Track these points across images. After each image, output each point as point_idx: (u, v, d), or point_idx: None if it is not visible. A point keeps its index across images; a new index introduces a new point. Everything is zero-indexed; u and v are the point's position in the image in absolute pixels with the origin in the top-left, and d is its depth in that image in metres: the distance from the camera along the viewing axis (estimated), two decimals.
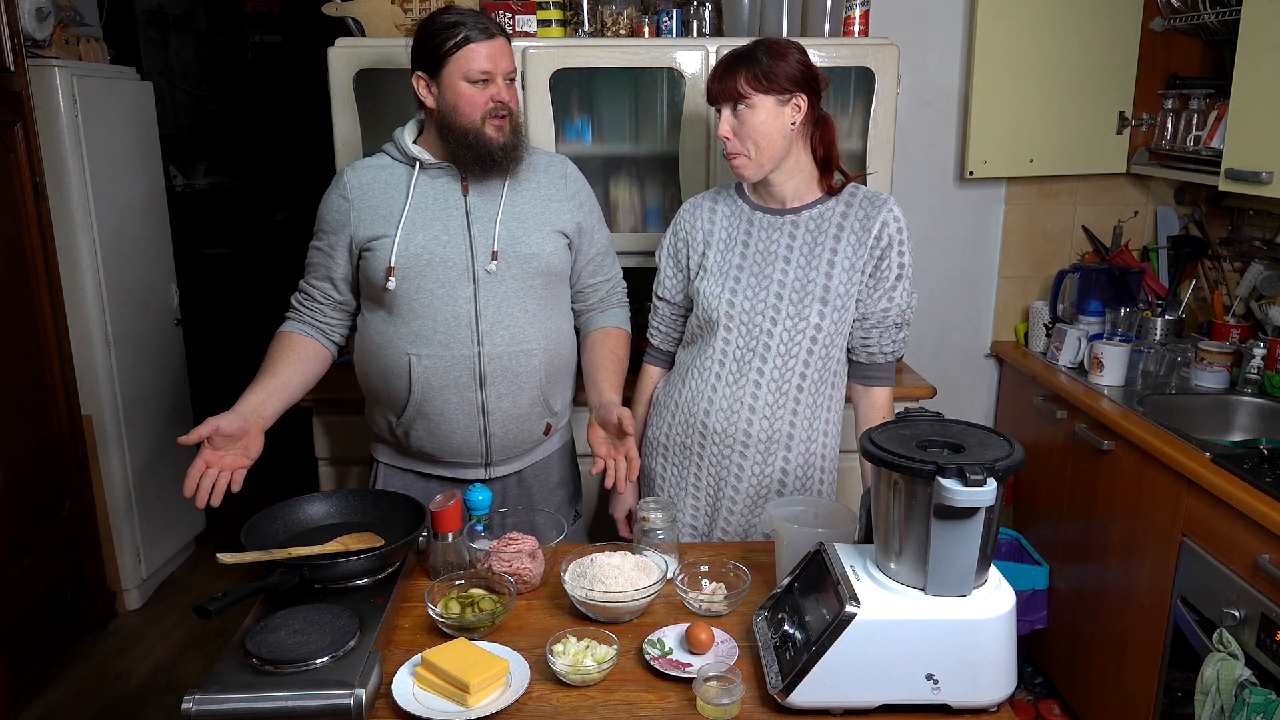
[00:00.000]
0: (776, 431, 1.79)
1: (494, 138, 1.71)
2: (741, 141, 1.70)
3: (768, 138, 1.69)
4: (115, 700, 2.73)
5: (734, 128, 1.70)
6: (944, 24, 2.76)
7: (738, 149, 1.71)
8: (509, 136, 1.73)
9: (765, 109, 1.68)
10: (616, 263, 2.00)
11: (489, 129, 1.70)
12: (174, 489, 3.40)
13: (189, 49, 5.36)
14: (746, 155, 1.71)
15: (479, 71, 1.67)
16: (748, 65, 1.67)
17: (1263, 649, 1.73)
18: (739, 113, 1.68)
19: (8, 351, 2.60)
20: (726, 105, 1.70)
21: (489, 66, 1.67)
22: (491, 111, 1.70)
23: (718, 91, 1.70)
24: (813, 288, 1.74)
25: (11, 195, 2.62)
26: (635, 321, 2.56)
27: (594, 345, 1.92)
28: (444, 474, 1.89)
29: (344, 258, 1.80)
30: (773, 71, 1.66)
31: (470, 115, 1.69)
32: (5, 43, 2.56)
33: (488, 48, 1.67)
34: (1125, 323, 2.61)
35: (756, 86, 1.66)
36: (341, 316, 1.87)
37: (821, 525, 1.55)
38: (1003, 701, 1.23)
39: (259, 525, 1.53)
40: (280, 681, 1.21)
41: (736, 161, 1.72)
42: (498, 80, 1.69)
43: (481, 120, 1.70)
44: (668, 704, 1.25)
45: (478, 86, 1.68)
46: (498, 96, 1.69)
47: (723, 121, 1.70)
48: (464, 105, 1.69)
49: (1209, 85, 2.61)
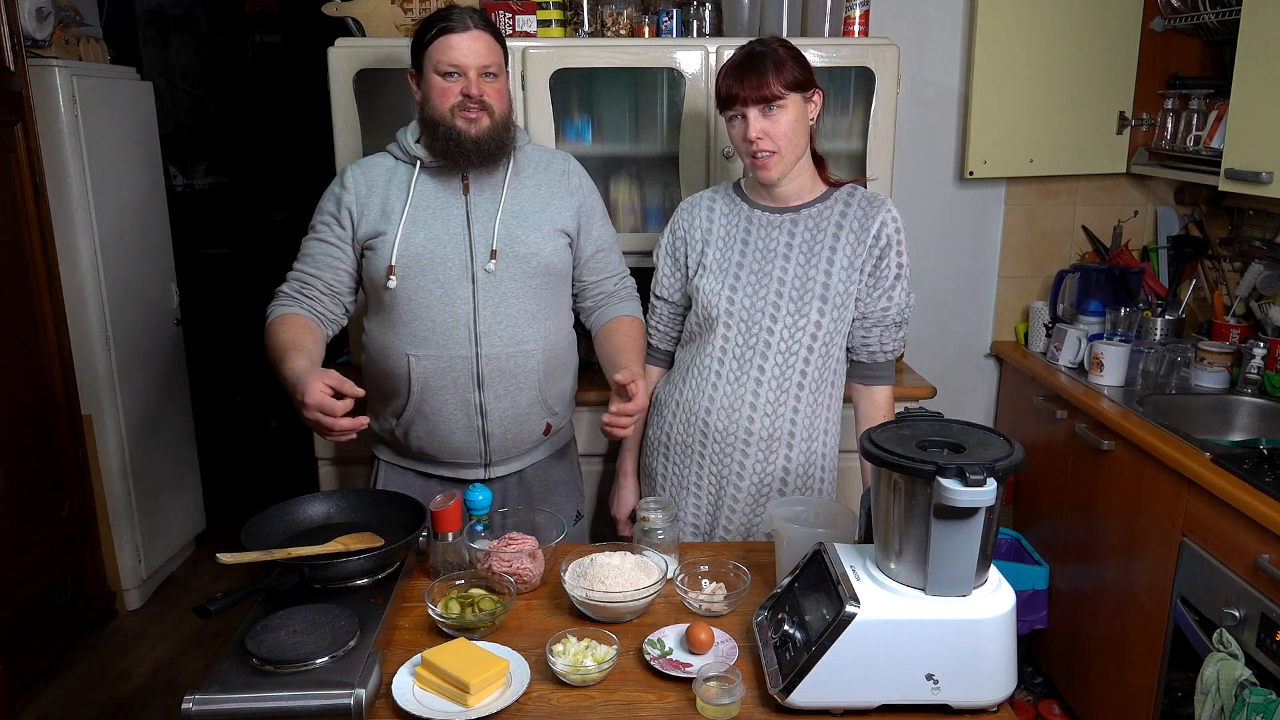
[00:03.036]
0: (778, 429, 1.79)
1: (464, 130, 1.70)
2: (774, 142, 1.69)
3: (797, 135, 1.70)
4: (115, 700, 2.73)
5: (766, 129, 1.68)
6: (944, 24, 2.76)
7: (770, 148, 1.69)
8: (484, 132, 1.71)
9: (795, 107, 1.68)
10: (623, 260, 1.99)
11: (459, 121, 1.70)
12: (174, 489, 3.44)
13: (189, 49, 5.35)
14: (779, 155, 1.70)
15: (449, 63, 1.67)
16: (774, 65, 1.66)
17: (1263, 649, 1.73)
18: (770, 114, 1.67)
19: (8, 351, 2.60)
20: (755, 107, 1.67)
21: (459, 58, 1.67)
22: (461, 104, 1.69)
23: (745, 94, 1.67)
24: (812, 285, 1.74)
25: (11, 195, 2.62)
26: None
27: (608, 334, 1.89)
28: (444, 474, 1.89)
29: (347, 249, 1.79)
30: (798, 69, 1.67)
31: (440, 107, 1.70)
32: (5, 43, 2.56)
33: (460, 39, 1.67)
34: (1125, 323, 2.61)
35: (788, 85, 1.66)
36: (337, 310, 1.82)
37: (821, 525, 1.55)
38: (1003, 701, 1.23)
39: (259, 525, 1.53)
40: (280, 681, 1.21)
41: (768, 163, 1.71)
42: (470, 73, 1.68)
43: (451, 112, 1.69)
44: (668, 704, 1.25)
45: (449, 79, 1.69)
46: (467, 89, 1.68)
47: (751, 123, 1.68)
48: (435, 96, 1.70)
49: (1209, 85, 2.61)
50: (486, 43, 1.70)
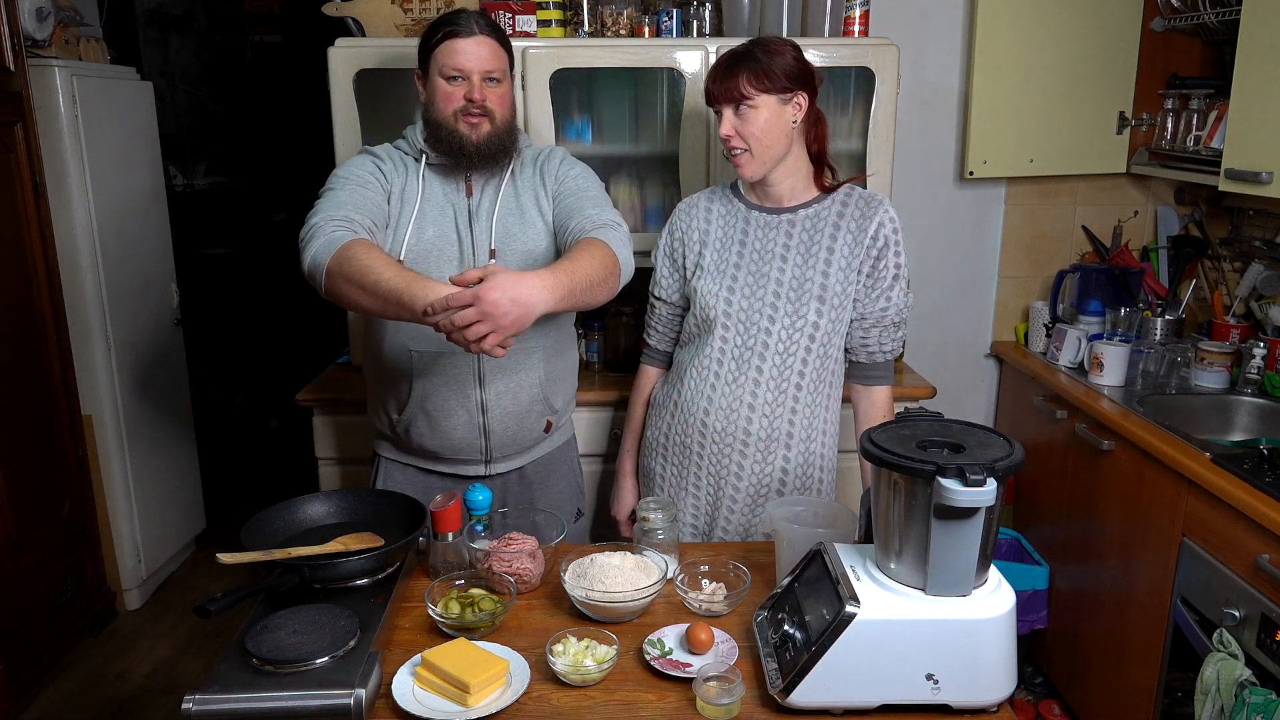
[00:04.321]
0: (776, 430, 1.79)
1: (466, 135, 1.71)
2: (744, 141, 1.71)
3: (770, 136, 1.70)
4: (115, 700, 2.73)
5: (737, 127, 1.71)
6: (944, 24, 2.76)
7: (741, 146, 1.71)
8: (485, 137, 1.72)
9: (768, 108, 1.69)
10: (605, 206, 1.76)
11: (461, 126, 1.71)
12: (174, 489, 3.43)
13: (189, 49, 5.35)
14: (750, 154, 1.72)
15: (452, 68, 1.68)
16: (748, 65, 1.68)
17: (1263, 649, 1.73)
18: (741, 113, 1.69)
19: (8, 351, 2.60)
20: (728, 106, 1.70)
21: (463, 63, 1.67)
22: (463, 109, 1.69)
23: (719, 93, 1.71)
24: (810, 286, 1.74)
25: (11, 195, 2.62)
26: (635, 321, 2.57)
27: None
28: (445, 470, 1.89)
29: (381, 198, 1.73)
30: (773, 70, 1.67)
31: (444, 110, 1.71)
32: (5, 43, 2.56)
33: (465, 44, 1.67)
34: (1125, 323, 2.61)
35: (759, 86, 1.67)
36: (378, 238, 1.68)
37: (821, 525, 1.55)
38: (1003, 701, 1.23)
39: (259, 525, 1.53)
40: (280, 681, 1.21)
41: (739, 160, 1.73)
42: (473, 78, 1.69)
43: (454, 116, 1.70)
44: (668, 704, 1.25)
45: (453, 83, 1.69)
46: (470, 94, 1.69)
47: (724, 122, 1.71)
48: (439, 99, 1.71)
49: (1209, 85, 2.61)
50: (491, 48, 1.70)
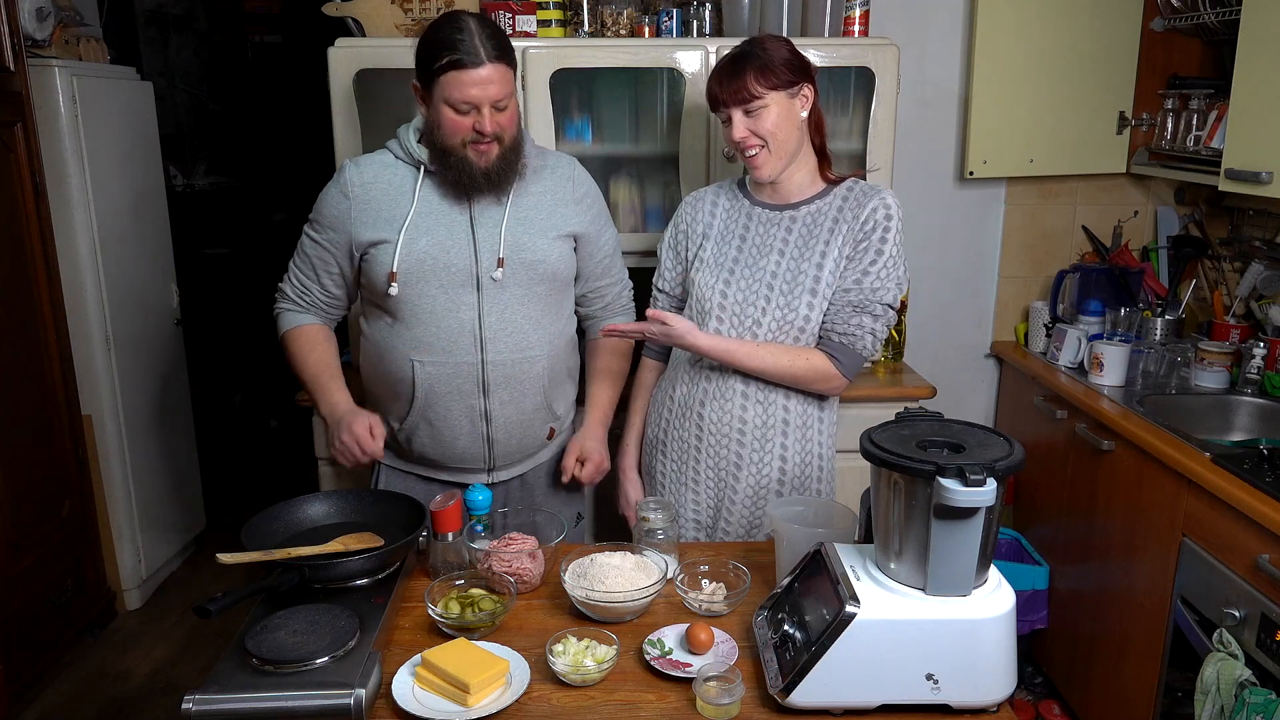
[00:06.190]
0: (771, 417, 1.79)
1: (475, 162, 1.67)
2: (761, 138, 1.70)
3: (785, 131, 1.70)
4: (115, 700, 2.73)
5: (750, 127, 1.69)
6: (944, 24, 2.76)
7: (757, 144, 1.70)
8: (494, 162, 1.68)
9: (777, 104, 1.68)
10: (624, 266, 2.00)
11: (470, 153, 1.67)
12: (174, 489, 3.43)
13: (189, 49, 5.35)
14: (768, 150, 1.71)
15: (461, 100, 1.62)
16: (752, 64, 1.67)
17: (1263, 649, 1.73)
18: (752, 113, 1.68)
19: (8, 351, 2.60)
20: (736, 108, 1.69)
21: (472, 97, 1.61)
22: (472, 139, 1.66)
23: (726, 96, 1.69)
24: (803, 279, 1.74)
25: (11, 195, 2.62)
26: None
27: (595, 354, 1.98)
28: (446, 478, 1.89)
29: (343, 256, 1.79)
30: (777, 66, 1.67)
31: (451, 138, 1.66)
32: (5, 43, 2.56)
33: (474, 77, 1.59)
34: (1125, 323, 2.61)
35: (766, 83, 1.67)
36: (336, 310, 1.91)
37: (821, 525, 1.55)
38: (1003, 701, 1.23)
39: (259, 525, 1.53)
40: (280, 681, 1.21)
41: (757, 160, 1.72)
42: (483, 109, 1.63)
43: (462, 145, 1.66)
44: (668, 704, 1.25)
45: (461, 113, 1.63)
46: (479, 125, 1.63)
47: (736, 125, 1.70)
48: (446, 127, 1.65)
49: (1209, 85, 2.61)
50: (500, 78, 1.62)
